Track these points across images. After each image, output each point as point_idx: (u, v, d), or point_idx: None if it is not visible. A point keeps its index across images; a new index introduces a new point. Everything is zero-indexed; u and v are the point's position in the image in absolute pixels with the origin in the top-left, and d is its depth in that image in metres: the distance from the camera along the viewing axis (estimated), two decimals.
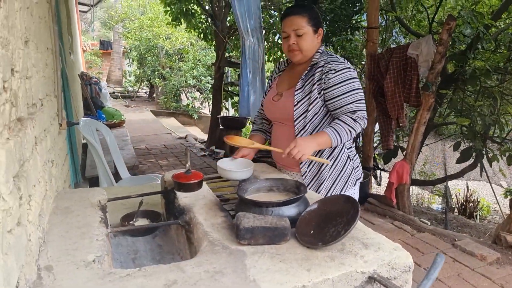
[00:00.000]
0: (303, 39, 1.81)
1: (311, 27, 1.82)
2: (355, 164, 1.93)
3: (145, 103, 14.64)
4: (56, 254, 1.15)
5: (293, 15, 1.82)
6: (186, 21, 7.96)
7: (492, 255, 2.88)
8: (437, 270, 1.05)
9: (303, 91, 1.82)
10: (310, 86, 1.81)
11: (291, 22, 1.82)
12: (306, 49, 1.83)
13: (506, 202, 7.20)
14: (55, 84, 1.98)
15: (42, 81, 1.58)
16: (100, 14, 23.95)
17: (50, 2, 1.94)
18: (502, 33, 4.61)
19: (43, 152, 1.40)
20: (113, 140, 3.37)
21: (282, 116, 1.90)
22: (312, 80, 1.81)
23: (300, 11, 1.83)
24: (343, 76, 1.75)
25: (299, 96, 1.82)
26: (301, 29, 1.80)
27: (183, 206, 1.51)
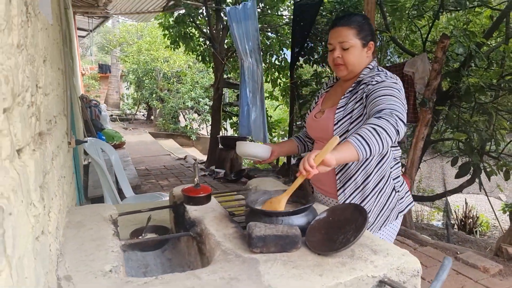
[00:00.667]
0: (349, 53, 1.64)
1: (360, 40, 1.64)
2: (400, 195, 1.71)
3: (143, 125, 14.72)
4: (73, 265, 1.18)
5: (341, 26, 1.65)
6: (184, 44, 8.13)
7: (494, 267, 2.90)
8: (446, 272, 1.09)
9: (345, 109, 1.63)
10: (353, 104, 1.62)
11: (337, 33, 1.65)
12: (352, 64, 1.65)
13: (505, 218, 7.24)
14: (65, 103, 2.04)
15: (56, 99, 1.63)
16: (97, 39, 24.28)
17: (61, 25, 2.01)
18: (494, 51, 4.74)
19: (58, 167, 1.44)
20: (118, 159, 3.42)
21: (322, 134, 1.72)
22: (355, 97, 1.62)
23: (349, 22, 1.64)
24: (384, 84, 1.53)
25: (340, 114, 1.63)
26: (348, 42, 1.63)
27: (193, 219, 1.55)
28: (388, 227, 1.70)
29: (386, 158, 1.65)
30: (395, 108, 1.41)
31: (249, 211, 1.44)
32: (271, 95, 8.39)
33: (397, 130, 1.35)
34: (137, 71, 14.35)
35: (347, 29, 1.63)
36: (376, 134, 1.32)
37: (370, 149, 1.31)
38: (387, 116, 1.37)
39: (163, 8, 8.06)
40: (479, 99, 4.38)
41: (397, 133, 1.36)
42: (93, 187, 4.06)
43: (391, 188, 1.68)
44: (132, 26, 17.45)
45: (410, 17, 4.92)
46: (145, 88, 14.18)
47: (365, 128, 1.34)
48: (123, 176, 3.36)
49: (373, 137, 1.32)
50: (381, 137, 1.32)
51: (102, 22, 11.77)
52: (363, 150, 1.31)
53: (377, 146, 1.32)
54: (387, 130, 1.33)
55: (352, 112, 1.61)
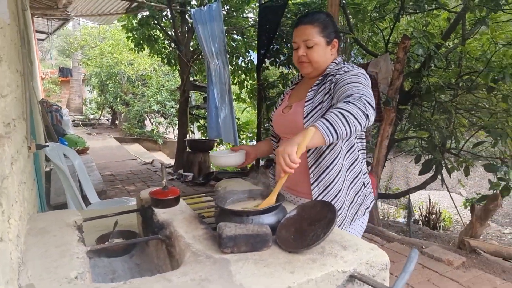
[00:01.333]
0: (313, 51, 1.64)
1: (324, 38, 1.65)
2: (367, 192, 1.74)
3: (108, 130, 14.37)
4: (37, 272, 1.13)
5: (304, 25, 1.65)
6: (149, 47, 8.00)
7: (458, 260, 3.01)
8: (413, 264, 1.11)
9: (313, 101, 1.62)
10: (321, 96, 1.61)
11: (301, 32, 1.66)
12: (316, 61, 1.66)
13: (466, 212, 7.53)
14: (24, 106, 1.96)
15: (14, 102, 1.56)
16: (57, 42, 23.55)
17: (19, 25, 1.93)
18: (452, 52, 4.94)
19: (18, 172, 1.38)
20: (81, 165, 3.31)
21: (291, 129, 1.69)
22: (323, 89, 1.62)
23: (312, 21, 1.65)
24: (350, 73, 1.54)
25: (309, 107, 1.62)
26: (312, 40, 1.63)
27: (162, 222, 1.51)
28: (357, 223, 1.72)
29: (354, 149, 1.66)
30: (364, 93, 1.40)
31: (219, 211, 1.43)
32: (238, 97, 8.39)
33: (366, 114, 1.33)
34: (100, 75, 14.01)
35: (311, 27, 1.64)
36: (342, 117, 1.30)
37: (336, 133, 1.29)
38: (355, 101, 1.35)
39: (126, 10, 7.91)
40: (439, 98, 4.54)
41: (366, 117, 1.34)
42: (55, 194, 3.92)
43: (361, 182, 1.69)
44: (94, 28, 17.04)
45: (372, 19, 5.05)
46: (109, 92, 13.87)
47: (332, 112, 1.32)
48: (88, 181, 3.26)
49: (340, 121, 1.29)
50: (348, 121, 1.30)
51: (62, 25, 11.41)
52: (329, 134, 1.29)
53: (344, 130, 1.30)
54: (354, 114, 1.31)
55: (322, 104, 1.60)
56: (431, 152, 4.27)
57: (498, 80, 3.97)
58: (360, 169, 1.70)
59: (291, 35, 5.96)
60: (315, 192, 1.64)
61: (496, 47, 4.51)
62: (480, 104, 4.86)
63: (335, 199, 1.62)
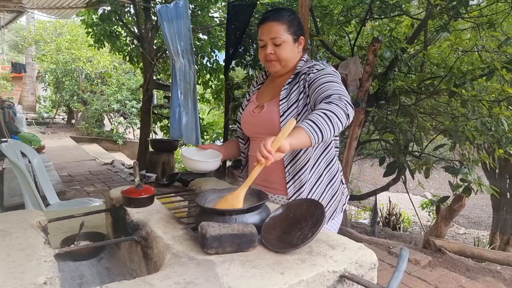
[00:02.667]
0: (281, 48, 1.62)
1: (291, 35, 1.63)
2: (343, 189, 1.76)
3: (63, 129, 13.78)
4: (0, 279, 1.01)
5: (271, 22, 1.62)
6: (110, 43, 7.73)
7: (424, 259, 3.08)
8: (405, 262, 1.09)
9: (288, 100, 1.60)
10: (296, 94, 1.60)
11: (268, 29, 1.63)
12: (285, 59, 1.64)
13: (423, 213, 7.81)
14: None
15: None
16: (9, 36, 22.38)
17: None
18: (414, 57, 5.09)
19: None
20: (40, 163, 3.10)
21: (265, 130, 1.65)
22: (297, 88, 1.60)
23: (279, 17, 1.62)
24: (324, 72, 1.54)
25: (284, 106, 1.59)
26: (280, 38, 1.61)
27: (136, 222, 1.42)
28: (335, 221, 1.72)
29: (330, 147, 1.66)
30: (342, 93, 1.41)
31: (199, 210, 1.35)
32: (203, 98, 8.28)
33: (347, 114, 1.35)
34: (56, 71, 13.42)
35: (278, 25, 1.61)
36: (327, 118, 1.30)
37: (322, 134, 1.29)
38: (336, 101, 1.36)
39: (86, 4, 7.59)
40: (404, 102, 4.66)
41: (347, 117, 1.36)
42: (9, 195, 3.67)
43: (339, 181, 1.70)
44: (50, 23, 16.30)
45: (338, 23, 5.11)
46: (65, 90, 13.30)
47: (316, 113, 1.32)
48: (47, 181, 3.06)
49: (325, 122, 1.30)
50: (332, 122, 1.31)
51: (16, 18, 10.80)
52: (315, 135, 1.28)
53: (329, 131, 1.31)
54: (337, 115, 1.32)
55: (297, 102, 1.59)
56: (396, 154, 4.36)
57: (459, 85, 4.12)
58: (337, 167, 1.71)
59: None
60: (291, 191, 1.63)
61: (456, 53, 4.70)
62: (440, 109, 5.04)
63: (310, 194, 1.62)
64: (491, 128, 3.92)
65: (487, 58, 4.59)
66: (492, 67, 4.16)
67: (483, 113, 4.43)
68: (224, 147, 1.85)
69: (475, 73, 4.28)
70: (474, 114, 4.22)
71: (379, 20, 5.31)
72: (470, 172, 3.79)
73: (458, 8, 4.19)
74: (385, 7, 4.63)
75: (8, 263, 1.09)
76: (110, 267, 1.61)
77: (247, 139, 1.83)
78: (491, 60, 4.48)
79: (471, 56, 4.91)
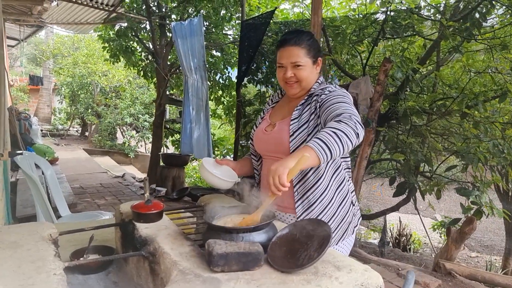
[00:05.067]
0: (302, 71, 1.64)
1: (310, 58, 1.65)
2: (355, 210, 1.74)
3: (77, 141, 13.97)
4: None
5: (291, 46, 1.64)
6: (125, 58, 7.89)
7: (434, 282, 3.03)
8: (411, 286, 1.09)
9: (299, 120, 1.62)
10: (307, 115, 1.62)
11: (288, 53, 1.64)
12: (305, 81, 1.66)
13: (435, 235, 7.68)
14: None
15: None
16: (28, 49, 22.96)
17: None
18: (426, 77, 5.09)
19: None
20: (53, 175, 3.15)
21: (275, 148, 1.67)
22: (309, 109, 1.62)
23: (299, 42, 1.63)
24: (335, 93, 1.57)
25: (295, 125, 1.61)
26: (300, 62, 1.63)
27: (145, 237, 1.44)
28: (345, 242, 1.70)
29: (341, 169, 1.67)
30: (353, 112, 1.42)
31: (207, 227, 1.36)
32: (214, 113, 8.35)
33: (357, 133, 1.35)
34: (72, 85, 13.69)
35: (298, 49, 1.63)
36: (336, 137, 1.30)
37: (331, 152, 1.29)
38: (346, 120, 1.36)
39: (103, 20, 7.78)
40: (415, 122, 4.64)
41: (357, 136, 1.35)
42: (22, 206, 3.72)
43: (349, 202, 1.69)
44: (68, 38, 16.70)
45: (350, 42, 5.15)
46: (80, 103, 13.54)
47: (325, 131, 1.32)
48: (59, 193, 3.10)
49: (334, 140, 1.29)
50: (342, 141, 1.30)
51: (35, 32, 11.09)
52: (324, 154, 1.28)
53: (338, 149, 1.30)
54: (347, 134, 1.32)
55: (308, 123, 1.60)
56: (406, 174, 4.33)
57: (471, 107, 4.10)
58: (347, 188, 1.71)
59: (271, 53, 6.06)
60: (299, 210, 1.64)
61: (469, 75, 4.69)
62: (452, 129, 5.01)
63: (321, 215, 1.62)
64: (504, 151, 3.88)
65: (500, 80, 4.58)
66: (505, 89, 4.14)
67: (495, 134, 4.39)
68: (240, 165, 1.87)
69: (487, 94, 4.26)
70: (487, 135, 4.18)
71: (391, 40, 5.34)
72: (481, 194, 3.74)
73: (471, 29, 4.21)
74: (397, 27, 4.66)
75: (18, 275, 1.11)
76: (118, 281, 1.62)
77: (259, 157, 1.83)
78: (504, 82, 4.46)
79: (484, 78, 4.89)
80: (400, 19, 4.68)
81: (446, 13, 4.67)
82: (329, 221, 1.63)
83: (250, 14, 6.85)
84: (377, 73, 4.53)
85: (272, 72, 6.24)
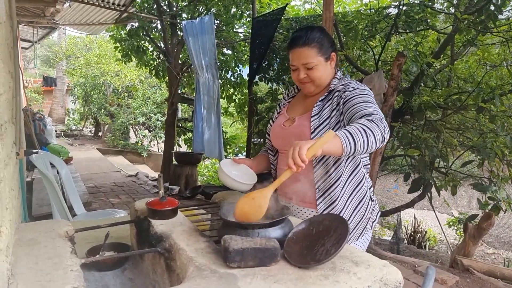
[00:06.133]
0: (314, 71, 1.61)
1: (322, 56, 1.61)
2: (374, 206, 1.73)
3: (91, 141, 14.12)
4: (27, 286, 1.04)
5: (301, 47, 1.60)
6: (137, 58, 7.94)
7: (451, 279, 2.98)
8: (431, 282, 1.07)
9: (320, 117, 1.60)
10: (328, 111, 1.59)
11: (299, 55, 1.62)
12: (319, 80, 1.63)
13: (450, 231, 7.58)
14: (14, 110, 1.87)
15: (6, 104, 1.48)
16: (41, 51, 23.27)
17: (12, 26, 1.86)
18: (440, 72, 5.01)
19: (9, 177, 1.29)
20: (68, 174, 3.18)
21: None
22: (330, 105, 1.60)
23: (308, 42, 1.59)
24: (360, 91, 1.54)
25: (315, 122, 1.59)
26: (311, 62, 1.60)
27: (160, 234, 1.43)
28: (365, 237, 1.70)
29: (360, 166, 1.65)
30: (382, 116, 1.43)
31: (222, 223, 1.36)
32: (226, 111, 8.36)
33: (383, 137, 1.36)
34: (85, 85, 13.83)
35: (308, 50, 1.60)
36: (364, 134, 1.31)
37: (355, 147, 1.29)
38: (377, 121, 1.37)
39: (115, 21, 7.82)
40: (429, 117, 4.57)
41: (382, 140, 1.37)
42: (37, 205, 3.77)
43: (368, 197, 1.68)
44: (81, 38, 16.89)
45: (363, 37, 5.09)
46: (93, 103, 13.67)
47: (355, 126, 1.33)
48: (74, 192, 3.14)
49: (361, 136, 1.30)
50: (369, 139, 1.31)
51: (48, 33, 11.22)
52: (349, 146, 1.28)
53: (362, 146, 1.30)
54: (375, 134, 1.32)
55: (330, 119, 1.58)
56: (421, 170, 4.27)
57: (487, 101, 4.02)
58: (366, 185, 1.70)
59: (282, 50, 6.03)
60: (321, 207, 1.63)
61: (484, 68, 4.60)
62: (467, 124, 4.92)
63: (342, 211, 1.62)
64: None
65: None
66: None
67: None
68: (256, 162, 1.86)
69: (504, 88, 4.17)
70: (504, 130, 4.10)
71: (404, 35, 5.27)
72: (498, 190, 3.67)
73: (486, 22, 4.12)
74: (410, 21, 4.60)
75: (36, 271, 1.12)
76: (134, 278, 1.63)
77: (276, 151, 1.82)
78: None
79: (500, 71, 4.80)
80: (413, 13, 4.61)
81: (460, 6, 4.58)
82: (350, 218, 1.63)
83: (261, 11, 6.82)
84: (390, 68, 4.48)
85: (284, 69, 6.20)
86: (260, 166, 1.86)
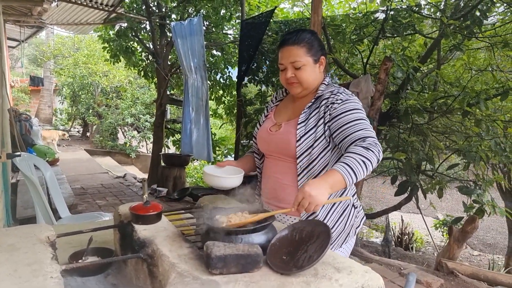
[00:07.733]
0: (302, 71, 1.61)
1: (311, 57, 1.61)
2: (357, 212, 1.73)
3: (78, 142, 13.99)
4: None
5: (290, 46, 1.61)
6: (126, 59, 7.89)
7: (436, 281, 3.01)
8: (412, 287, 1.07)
9: (307, 124, 1.60)
10: (315, 120, 1.59)
11: (288, 53, 1.62)
12: (306, 81, 1.63)
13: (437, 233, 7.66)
14: None
15: None
16: (29, 50, 23.00)
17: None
18: (427, 76, 5.06)
19: None
20: (53, 177, 3.14)
21: (280, 149, 1.67)
22: (317, 113, 1.60)
23: (298, 41, 1.60)
24: (350, 106, 1.55)
25: (302, 130, 1.59)
26: (300, 61, 1.60)
27: (143, 239, 1.42)
28: (348, 244, 1.70)
29: None
30: (374, 135, 1.49)
31: (205, 229, 1.35)
32: (215, 113, 8.34)
33: (378, 160, 1.43)
34: (73, 85, 13.69)
35: (297, 48, 1.60)
36: (364, 165, 1.39)
37: (356, 178, 1.38)
38: (372, 147, 1.43)
39: (104, 21, 7.76)
40: (416, 121, 4.62)
41: (377, 163, 1.44)
42: (22, 207, 3.72)
43: (351, 204, 1.69)
44: (69, 38, 16.71)
45: (351, 41, 5.13)
46: (81, 103, 13.54)
47: (354, 158, 1.39)
48: (59, 194, 3.10)
49: (361, 168, 1.38)
50: (367, 168, 1.39)
51: (36, 33, 11.09)
52: (350, 179, 1.37)
53: (361, 176, 1.39)
54: (372, 163, 1.41)
55: (316, 128, 1.58)
56: (408, 173, 4.31)
57: (473, 105, 4.08)
58: (350, 194, 1.70)
59: (271, 53, 6.04)
60: (304, 215, 1.63)
61: (470, 73, 4.66)
62: (453, 128, 4.98)
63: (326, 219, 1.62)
64: (506, 149, 3.86)
65: (501, 78, 4.55)
66: (506, 87, 4.11)
67: (497, 133, 4.37)
68: (241, 163, 1.85)
69: (489, 92, 4.23)
70: (488, 134, 4.15)
71: (392, 39, 5.32)
72: (483, 193, 3.72)
73: (472, 27, 4.18)
74: (398, 26, 4.64)
75: (14, 278, 1.10)
76: (117, 283, 1.61)
77: (262, 155, 1.82)
78: (506, 80, 4.43)
79: (485, 76, 4.86)
80: (401, 17, 4.66)
81: (446, 11, 4.64)
82: (334, 226, 1.63)
83: (250, 13, 6.83)
84: (377, 72, 4.51)
85: (273, 72, 6.21)
86: (245, 167, 1.85)
